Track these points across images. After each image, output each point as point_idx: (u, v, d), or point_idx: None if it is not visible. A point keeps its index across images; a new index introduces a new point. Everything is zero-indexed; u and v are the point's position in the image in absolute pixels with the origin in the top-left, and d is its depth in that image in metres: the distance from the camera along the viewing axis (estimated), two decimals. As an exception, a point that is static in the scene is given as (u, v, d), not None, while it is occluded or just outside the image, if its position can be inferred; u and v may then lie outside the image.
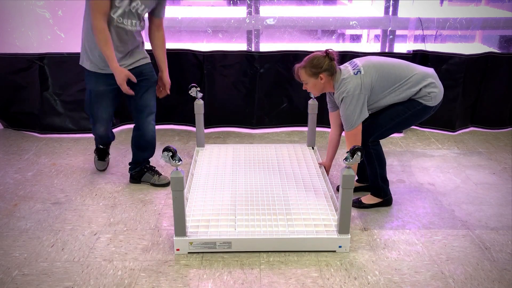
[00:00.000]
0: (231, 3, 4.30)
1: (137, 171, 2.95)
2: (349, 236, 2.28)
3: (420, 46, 3.95)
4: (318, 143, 3.63)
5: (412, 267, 2.19)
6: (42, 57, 3.62)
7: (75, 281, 2.09)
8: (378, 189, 2.68)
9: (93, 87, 2.67)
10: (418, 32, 4.20)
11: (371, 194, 2.71)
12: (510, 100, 3.86)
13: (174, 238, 2.26)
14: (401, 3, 4.15)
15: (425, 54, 3.70)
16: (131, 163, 2.96)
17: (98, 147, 3.11)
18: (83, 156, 3.39)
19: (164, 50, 2.77)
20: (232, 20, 4.11)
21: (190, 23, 4.15)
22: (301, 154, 3.26)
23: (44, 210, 2.67)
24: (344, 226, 2.25)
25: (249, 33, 4.15)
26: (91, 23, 2.42)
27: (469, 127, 3.96)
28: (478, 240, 2.40)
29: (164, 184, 2.94)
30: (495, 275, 2.14)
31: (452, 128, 3.85)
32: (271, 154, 3.26)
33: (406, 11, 4.22)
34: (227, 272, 2.15)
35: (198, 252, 2.28)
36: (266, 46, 4.09)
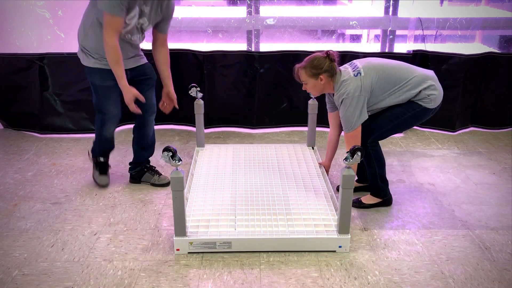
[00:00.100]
0: (231, 3, 4.30)
1: (137, 171, 2.95)
2: (349, 236, 2.28)
3: (420, 46, 3.95)
4: (318, 143, 3.62)
5: (412, 267, 2.19)
6: (42, 57, 3.61)
7: (75, 281, 2.09)
8: (378, 189, 2.68)
9: (99, 82, 2.61)
10: (418, 32, 4.20)
11: (371, 194, 2.71)
12: (510, 100, 3.86)
13: (174, 238, 2.26)
14: (401, 3, 4.15)
15: (425, 54, 3.70)
16: (132, 163, 2.96)
17: (99, 161, 2.93)
18: (83, 156, 3.39)
19: (168, 65, 2.78)
20: (232, 20, 4.11)
21: (190, 23, 4.15)
22: (301, 154, 3.26)
23: (44, 210, 2.67)
24: (344, 226, 2.25)
25: (249, 33, 4.15)
26: (103, 37, 2.40)
27: (469, 127, 3.96)
28: (478, 240, 2.40)
29: (164, 184, 2.94)
30: (495, 275, 2.14)
31: (452, 128, 3.85)
32: (271, 154, 3.26)
33: (406, 11, 4.22)
34: (227, 272, 2.15)
35: (198, 252, 2.28)
36: (266, 46, 4.09)
